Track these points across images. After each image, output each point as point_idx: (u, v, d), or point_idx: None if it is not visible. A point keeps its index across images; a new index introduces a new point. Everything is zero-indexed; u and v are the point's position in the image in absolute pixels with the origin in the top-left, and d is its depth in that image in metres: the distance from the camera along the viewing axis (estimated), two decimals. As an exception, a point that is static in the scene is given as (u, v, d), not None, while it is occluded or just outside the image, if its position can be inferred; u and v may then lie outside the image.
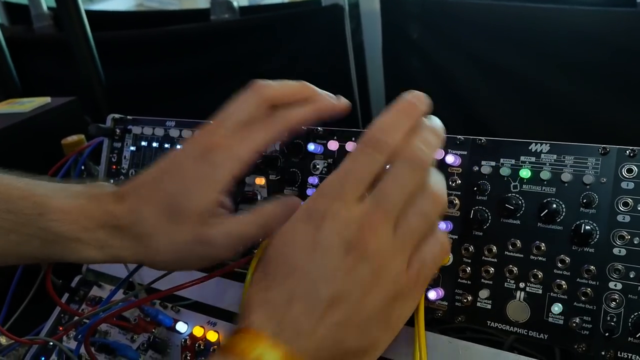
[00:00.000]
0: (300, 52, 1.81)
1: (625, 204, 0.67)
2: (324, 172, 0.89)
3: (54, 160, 1.19)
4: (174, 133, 1.05)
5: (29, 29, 2.54)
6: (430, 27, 1.62)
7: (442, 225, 0.77)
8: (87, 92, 1.86)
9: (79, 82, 1.88)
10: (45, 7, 2.53)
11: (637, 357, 0.66)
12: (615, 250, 0.67)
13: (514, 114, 1.54)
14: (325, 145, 0.89)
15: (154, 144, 1.08)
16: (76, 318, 0.93)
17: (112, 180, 1.14)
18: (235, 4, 1.97)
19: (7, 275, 1.09)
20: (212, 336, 0.92)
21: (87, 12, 1.89)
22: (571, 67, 1.40)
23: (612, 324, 0.67)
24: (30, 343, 1.00)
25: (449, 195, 0.78)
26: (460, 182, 0.77)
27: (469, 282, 0.76)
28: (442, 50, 1.63)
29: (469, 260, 0.76)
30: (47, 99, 1.55)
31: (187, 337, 0.94)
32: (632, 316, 0.66)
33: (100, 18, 2.48)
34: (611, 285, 0.67)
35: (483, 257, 0.75)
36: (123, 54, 2.10)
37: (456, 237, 0.77)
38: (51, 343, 1.02)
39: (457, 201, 0.77)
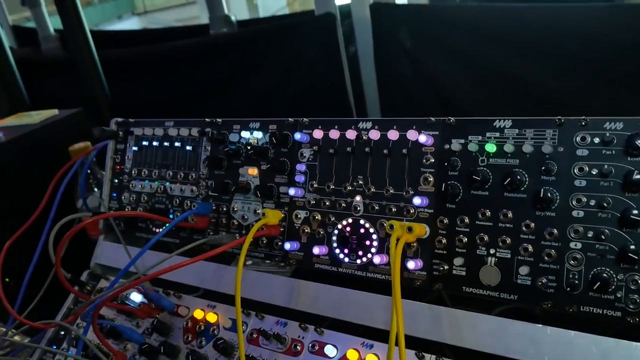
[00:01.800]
0: (296, 62, 1.88)
1: (581, 169, 0.73)
2: (310, 159, 0.95)
3: (63, 167, 1.26)
4: (173, 132, 1.12)
5: (37, 50, 2.65)
6: (420, 33, 1.68)
7: (418, 200, 0.83)
8: (93, 107, 1.94)
9: (85, 99, 1.96)
10: (52, 30, 2.64)
11: (598, 309, 0.71)
12: (574, 213, 0.73)
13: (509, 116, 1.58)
14: (310, 135, 0.95)
15: (155, 143, 1.15)
16: (85, 302, 0.99)
17: (116, 180, 1.22)
18: (232, 18, 2.05)
19: (19, 272, 1.16)
20: (211, 317, 0.98)
21: (92, 32, 1.98)
22: (563, 63, 1.44)
23: (575, 281, 0.72)
24: (44, 327, 1.06)
25: (423, 173, 0.84)
26: (433, 160, 0.83)
27: (444, 251, 0.82)
28: (433, 56, 1.69)
29: (444, 232, 0.82)
30: (55, 111, 1.63)
31: (189, 319, 1.00)
32: (592, 272, 0.71)
33: (104, 37, 2.58)
34: (572, 245, 0.73)
35: (456, 228, 0.81)
36: (126, 70, 2.18)
37: (432, 211, 0.83)
38: (62, 332, 1.09)
39: (431, 178, 0.83)
